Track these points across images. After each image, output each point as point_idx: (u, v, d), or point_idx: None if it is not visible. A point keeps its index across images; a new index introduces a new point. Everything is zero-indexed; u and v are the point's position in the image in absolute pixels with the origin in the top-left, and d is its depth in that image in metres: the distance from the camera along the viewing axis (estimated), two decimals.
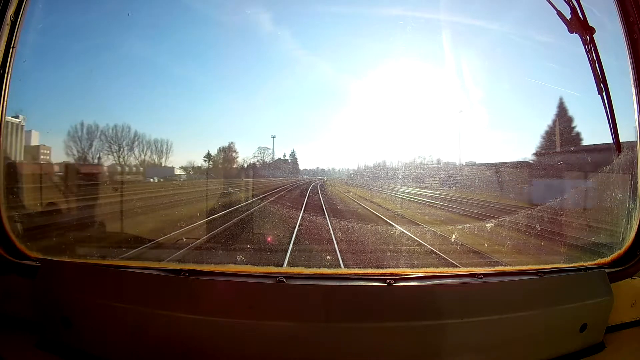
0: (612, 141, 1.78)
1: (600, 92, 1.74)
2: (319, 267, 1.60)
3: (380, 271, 1.51)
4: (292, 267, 1.66)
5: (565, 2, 1.72)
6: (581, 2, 1.70)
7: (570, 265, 1.79)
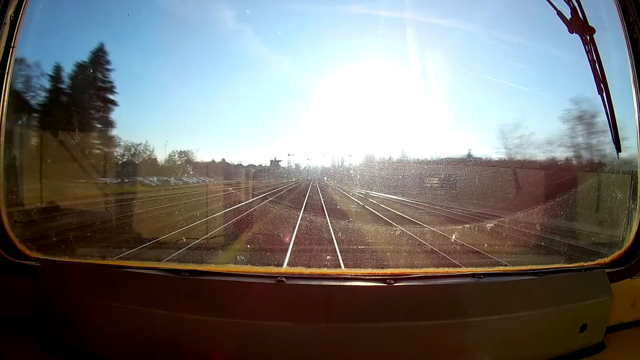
0: (612, 141, 1.78)
1: (600, 92, 1.75)
2: (319, 267, 1.61)
3: (381, 271, 1.52)
4: (292, 267, 1.66)
5: (565, 2, 1.72)
6: (581, 2, 1.70)
7: (570, 265, 1.79)
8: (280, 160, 10.34)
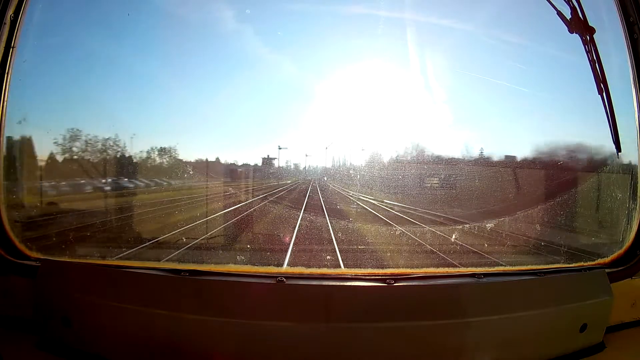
0: (612, 141, 1.78)
1: (600, 92, 1.75)
2: (319, 267, 1.61)
3: (381, 271, 1.52)
4: (292, 267, 1.66)
5: (565, 2, 1.72)
6: (581, 2, 1.70)
7: (570, 265, 1.80)
8: (274, 158, 8.91)
